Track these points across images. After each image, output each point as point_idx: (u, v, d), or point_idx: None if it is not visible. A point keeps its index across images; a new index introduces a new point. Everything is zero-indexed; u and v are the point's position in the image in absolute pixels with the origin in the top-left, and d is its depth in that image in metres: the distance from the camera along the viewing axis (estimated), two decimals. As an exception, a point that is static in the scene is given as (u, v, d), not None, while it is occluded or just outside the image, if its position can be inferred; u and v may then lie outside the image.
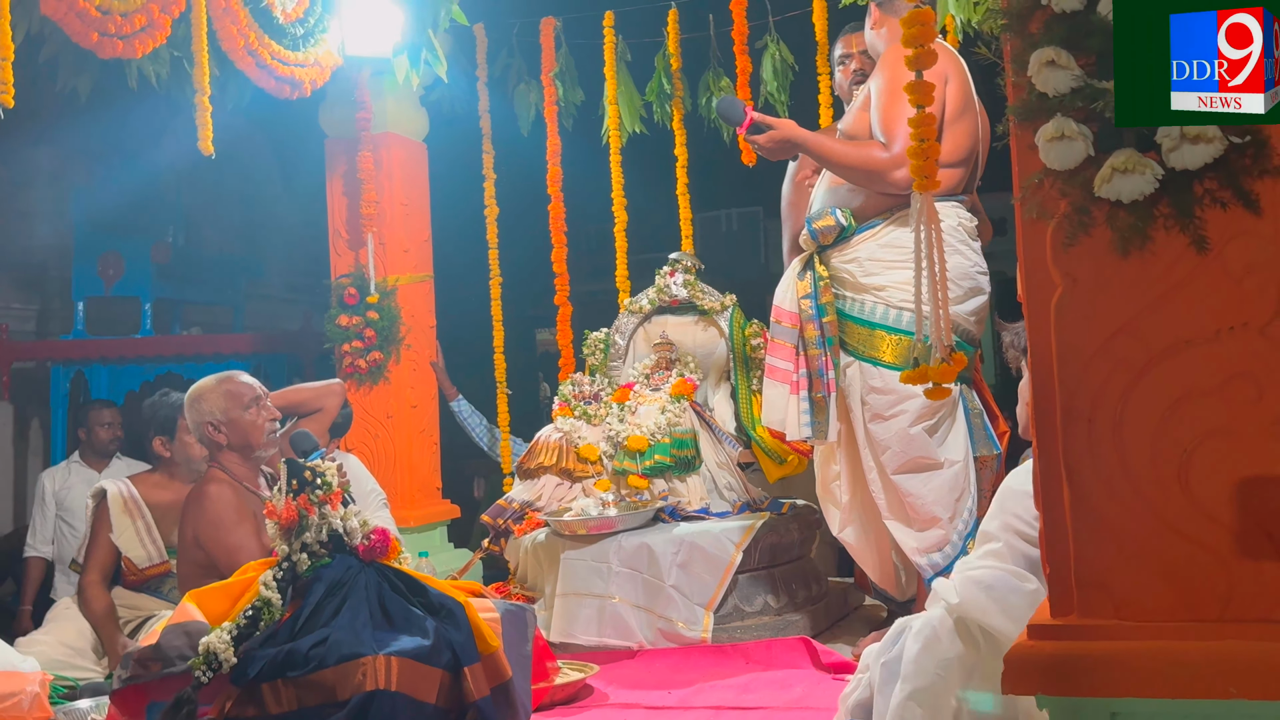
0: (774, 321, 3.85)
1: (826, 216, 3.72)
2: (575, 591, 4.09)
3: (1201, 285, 1.74)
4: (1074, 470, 1.80)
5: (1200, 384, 1.74)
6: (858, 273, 3.72)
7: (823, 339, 3.70)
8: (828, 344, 3.71)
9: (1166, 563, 1.75)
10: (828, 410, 3.70)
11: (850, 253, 3.74)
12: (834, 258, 3.77)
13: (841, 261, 3.75)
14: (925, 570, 3.65)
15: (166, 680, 2.64)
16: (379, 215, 5.62)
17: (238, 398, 3.56)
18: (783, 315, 3.80)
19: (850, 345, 3.73)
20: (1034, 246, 1.83)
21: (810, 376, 3.73)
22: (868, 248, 3.71)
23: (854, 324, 3.72)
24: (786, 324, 3.79)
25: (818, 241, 3.75)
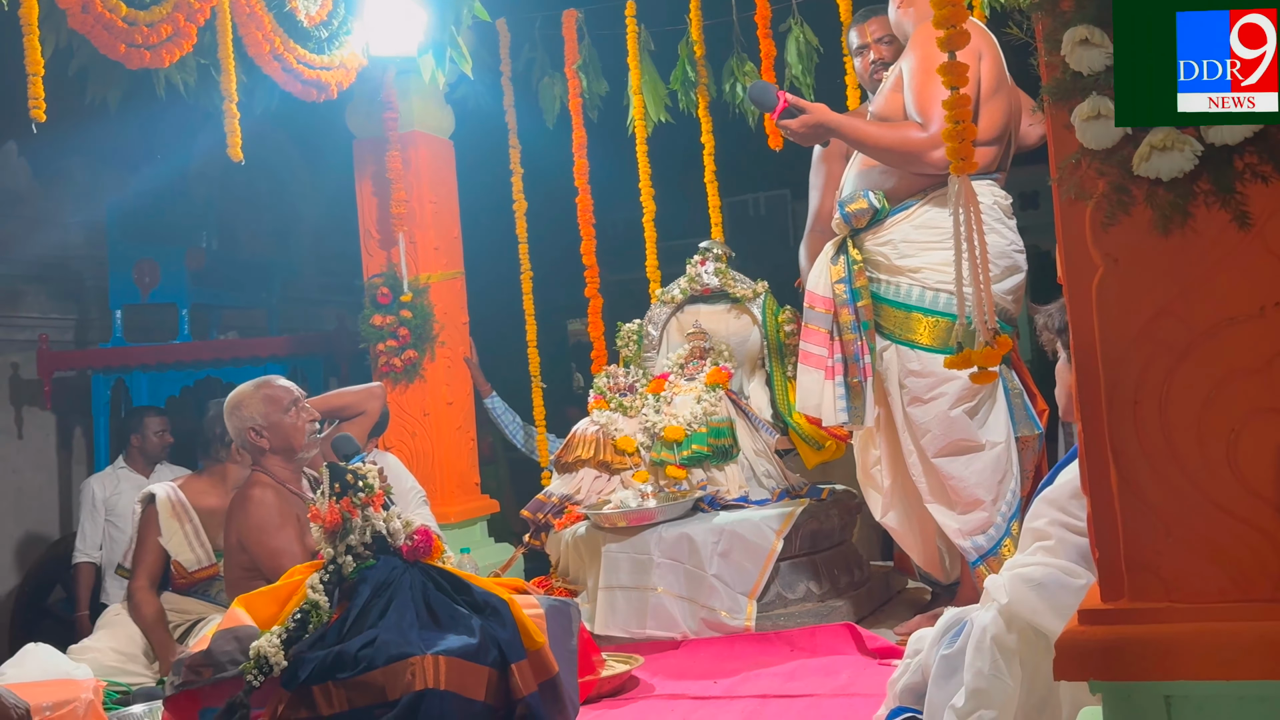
0: (807, 307, 3.83)
1: (858, 199, 3.69)
2: (618, 584, 4.10)
3: (1244, 262, 1.71)
4: (1120, 453, 1.78)
5: (1245, 362, 1.72)
6: (892, 255, 3.69)
7: (858, 323, 3.68)
8: (863, 328, 3.68)
9: (1216, 544, 1.73)
10: (864, 395, 3.68)
11: (884, 235, 3.71)
12: (867, 240, 3.74)
13: (875, 244, 3.72)
14: (970, 553, 3.63)
15: (219, 685, 2.67)
16: (409, 214, 5.64)
17: (277, 401, 3.60)
18: (816, 300, 3.78)
19: (886, 328, 3.70)
20: (1073, 227, 1.81)
21: (845, 361, 3.70)
22: (902, 229, 3.68)
23: (889, 307, 3.70)
24: (820, 309, 3.77)
25: (850, 225, 3.71)
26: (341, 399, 4.08)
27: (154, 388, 6.95)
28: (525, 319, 5.89)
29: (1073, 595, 2.28)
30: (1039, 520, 2.45)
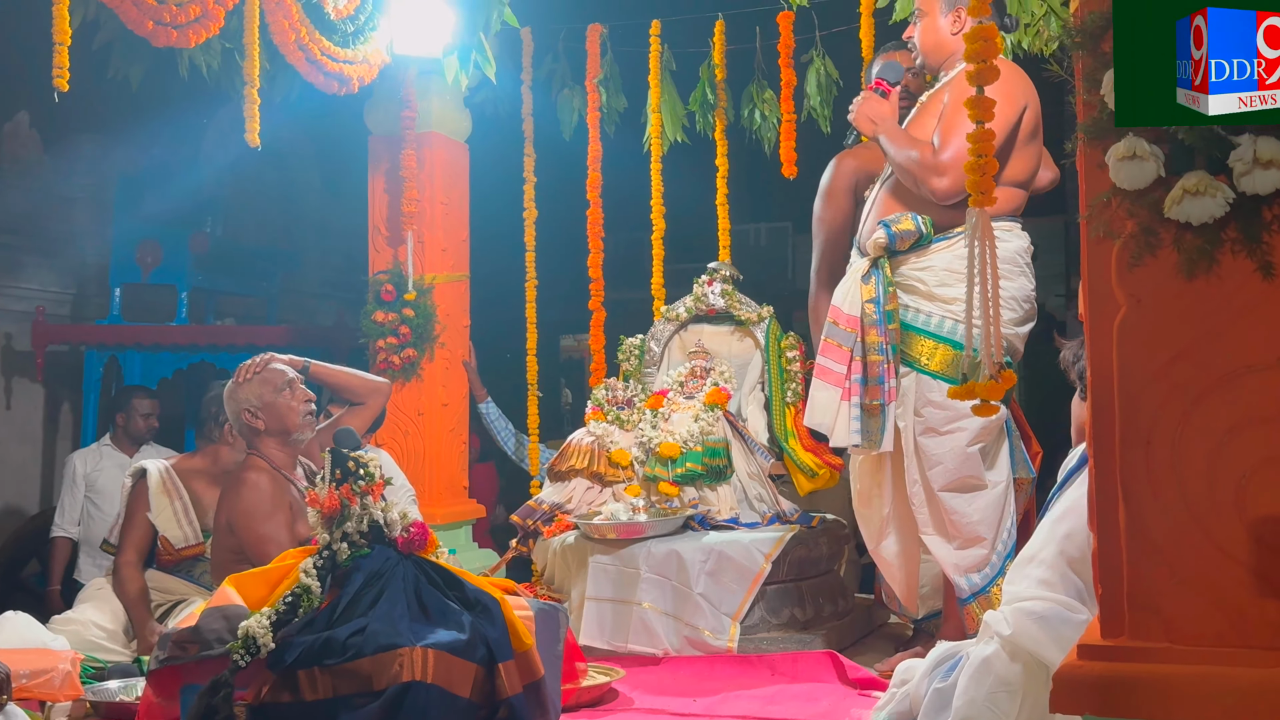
0: (830, 322, 3.76)
1: (906, 220, 3.66)
2: (603, 596, 4.10)
3: (1266, 311, 1.73)
4: (1130, 492, 1.79)
5: (1260, 411, 1.74)
6: (931, 281, 3.65)
7: (886, 345, 3.63)
8: (892, 351, 3.64)
9: (1220, 588, 1.74)
10: (883, 419, 3.64)
11: (926, 260, 3.67)
12: (906, 264, 3.69)
13: (914, 269, 3.68)
14: (963, 590, 3.63)
15: (203, 663, 2.65)
16: (419, 214, 5.65)
17: (272, 382, 3.62)
18: (840, 318, 3.71)
19: (910, 356, 3.67)
20: (1098, 265, 1.83)
21: (865, 383, 3.66)
22: (944, 257, 3.64)
23: (917, 335, 3.66)
24: (844, 326, 3.70)
25: (893, 245, 3.66)
26: (349, 378, 4.05)
27: (147, 368, 6.93)
28: (526, 327, 5.89)
29: (1074, 629, 2.29)
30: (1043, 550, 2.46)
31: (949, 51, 3.81)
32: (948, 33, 3.80)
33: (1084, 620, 2.29)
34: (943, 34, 3.82)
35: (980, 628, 2.53)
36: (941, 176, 3.59)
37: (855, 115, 3.81)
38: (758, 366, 4.68)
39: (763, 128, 5.60)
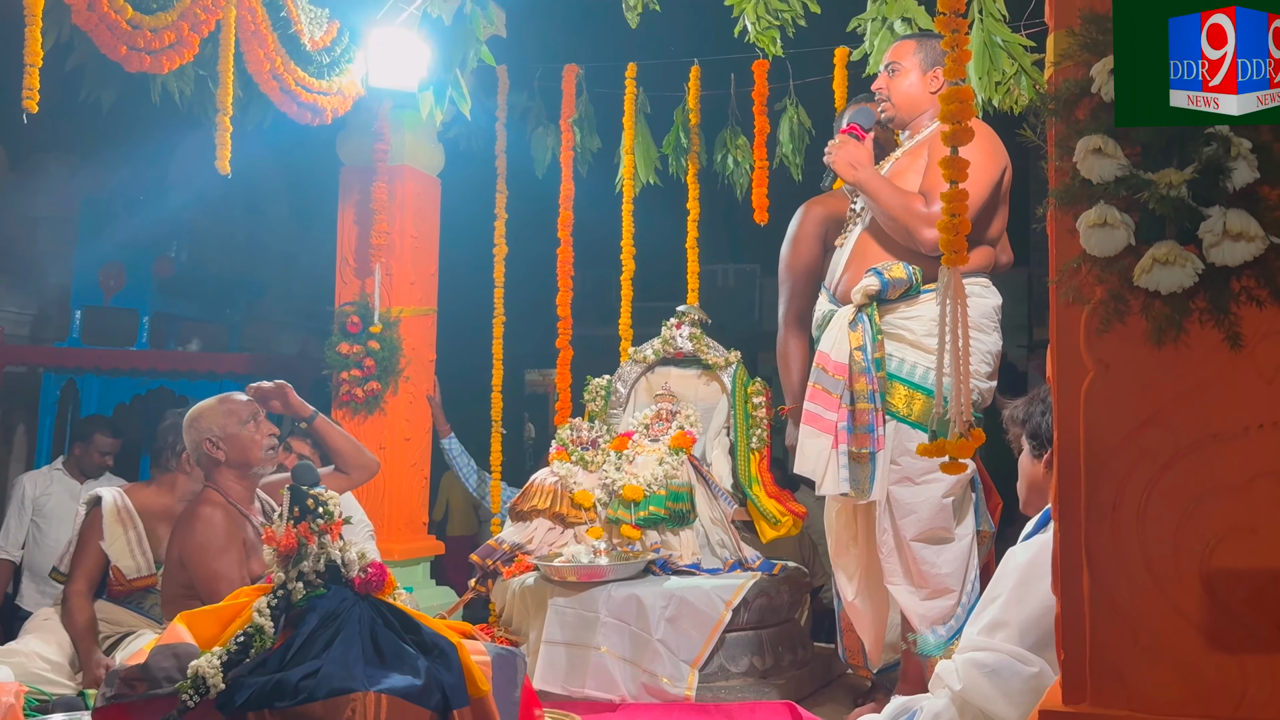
0: (817, 367, 3.73)
1: (898, 268, 3.65)
2: (561, 639, 4.05)
3: (1233, 381, 1.75)
4: (1095, 558, 1.79)
5: (1226, 480, 1.74)
6: (919, 330, 3.63)
7: (875, 393, 3.61)
8: (880, 399, 3.62)
9: (1182, 657, 1.74)
10: (872, 467, 3.61)
11: (914, 310, 3.66)
12: (894, 313, 3.67)
13: (902, 318, 3.66)
14: (927, 642, 3.61)
15: (151, 702, 2.58)
16: (389, 246, 5.64)
17: (236, 414, 3.57)
18: (828, 364, 3.69)
19: (891, 405, 3.65)
20: (1067, 330, 1.84)
21: (853, 430, 3.63)
22: (932, 308, 3.62)
23: (899, 384, 3.64)
24: (832, 373, 3.66)
25: (884, 293, 3.66)
26: (345, 445, 3.91)
27: (105, 392, 6.85)
28: (493, 363, 5.86)
29: (1025, 682, 2.28)
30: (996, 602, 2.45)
31: (922, 109, 3.84)
32: (924, 91, 3.83)
33: (1035, 673, 2.29)
34: (919, 91, 3.84)
35: (933, 679, 2.52)
36: (933, 228, 3.59)
37: (834, 159, 3.80)
38: (724, 411, 4.67)
39: (735, 173, 5.65)
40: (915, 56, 3.85)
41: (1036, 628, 2.38)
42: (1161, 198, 1.70)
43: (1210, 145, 1.68)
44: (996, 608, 2.46)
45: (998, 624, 2.45)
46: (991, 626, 2.47)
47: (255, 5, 4.64)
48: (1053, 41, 1.86)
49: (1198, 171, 1.69)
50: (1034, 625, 2.39)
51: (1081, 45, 1.79)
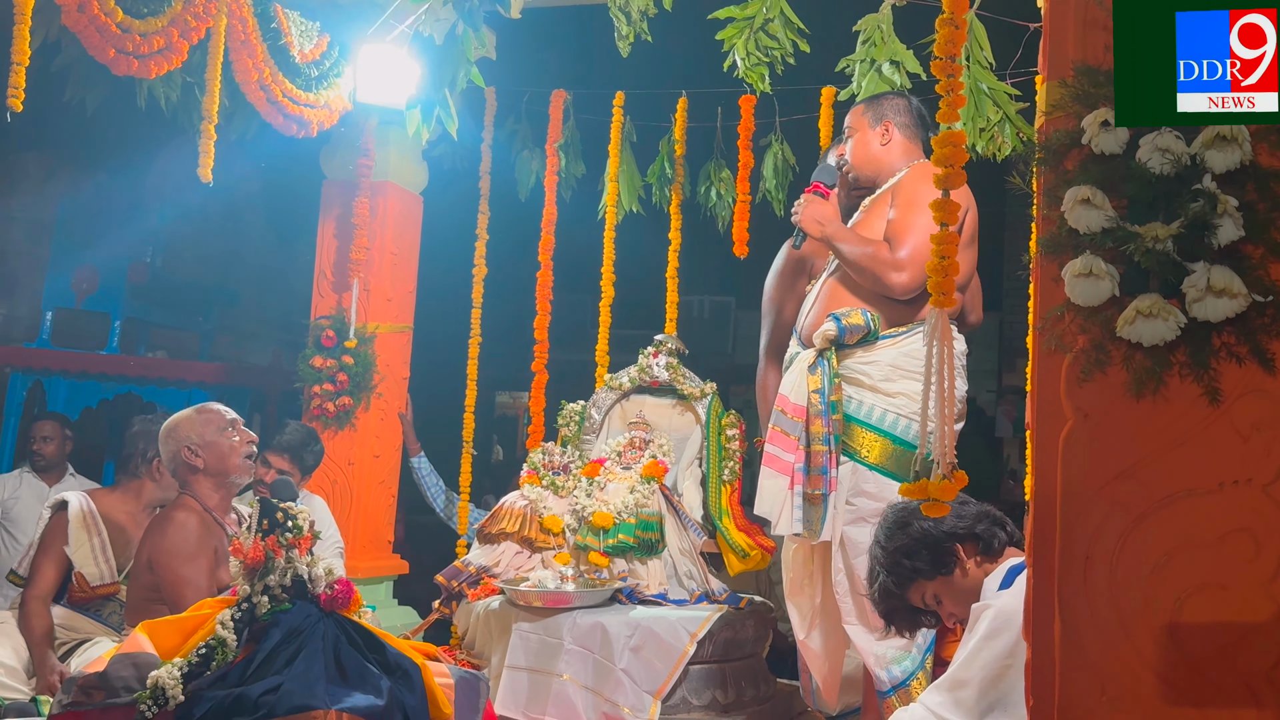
0: (778, 410, 3.78)
1: (856, 314, 3.71)
2: (524, 665, 4.02)
3: (1209, 437, 1.76)
4: (1067, 607, 1.80)
5: (1198, 535, 1.76)
6: (876, 375, 3.69)
7: (829, 436, 3.66)
8: (834, 441, 3.67)
9: (1148, 709, 1.75)
10: (824, 508, 3.65)
11: (872, 355, 3.72)
12: (852, 358, 3.73)
13: (860, 363, 3.72)
14: (883, 683, 3.61)
15: (108, 711, 2.55)
16: (368, 261, 5.61)
17: (214, 422, 3.54)
18: (788, 406, 3.74)
19: (850, 447, 3.69)
20: (1048, 378, 1.85)
21: (808, 472, 3.67)
22: (889, 354, 3.69)
23: (859, 427, 3.69)
24: (791, 415, 3.73)
25: (842, 339, 3.71)
26: None
27: (72, 396, 6.78)
28: (467, 384, 5.83)
29: None
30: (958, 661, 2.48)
31: (880, 164, 3.96)
32: (877, 145, 3.95)
33: None
34: (873, 148, 3.97)
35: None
36: (900, 272, 3.65)
37: (800, 218, 3.89)
38: (697, 442, 4.67)
39: (718, 205, 5.67)
40: (864, 118, 4.00)
41: (994, 687, 2.41)
42: (1147, 250, 1.72)
43: (1197, 201, 1.70)
44: (960, 665, 2.49)
45: (958, 681, 2.48)
46: (953, 684, 2.50)
47: (246, 15, 4.63)
48: (1045, 92, 1.88)
49: (1184, 226, 1.71)
50: (992, 684, 2.42)
51: (1073, 96, 1.81)
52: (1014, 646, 2.39)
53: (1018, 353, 11.88)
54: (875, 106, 3.99)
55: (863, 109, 4.02)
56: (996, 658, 2.42)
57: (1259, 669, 1.71)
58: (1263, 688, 1.71)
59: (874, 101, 4.03)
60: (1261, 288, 1.71)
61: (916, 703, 2.60)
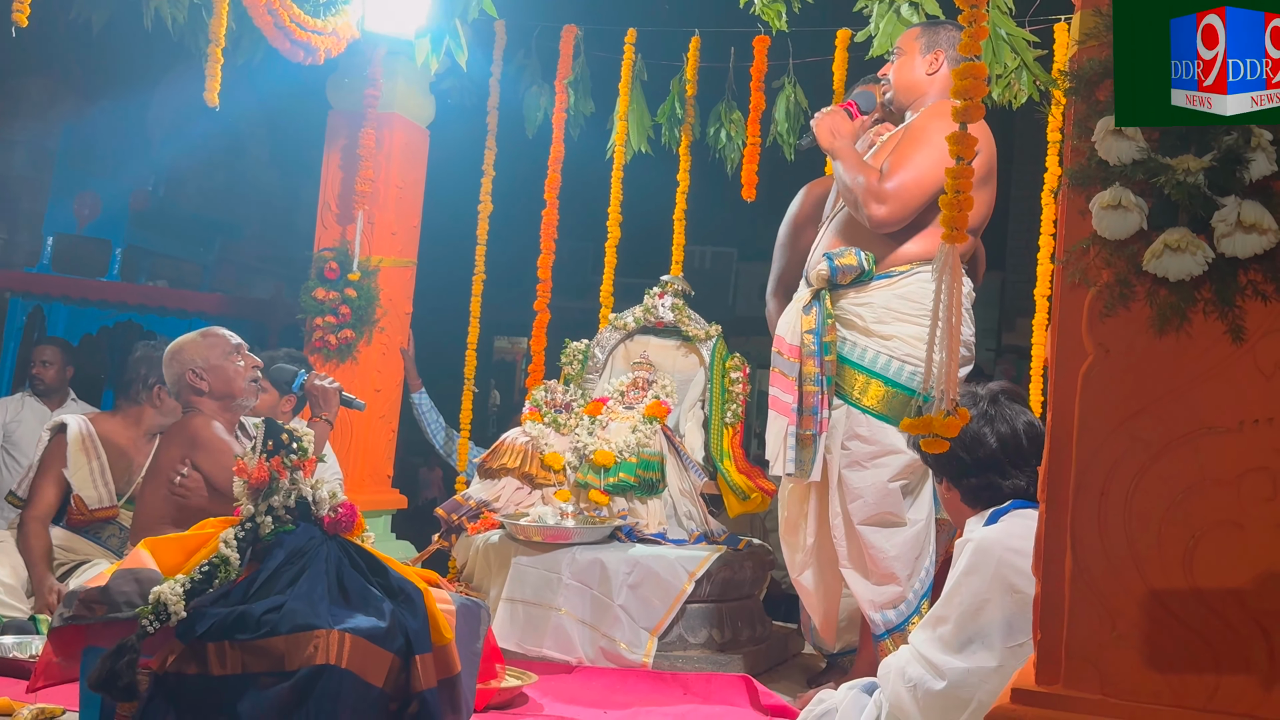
0: (775, 352, 3.78)
1: (849, 255, 3.69)
2: (522, 598, 4.04)
3: (1232, 375, 1.74)
4: (1079, 542, 1.79)
5: (1216, 473, 1.74)
6: (869, 318, 3.68)
7: (821, 376, 3.66)
8: (826, 383, 3.67)
9: (1159, 646, 1.74)
10: (815, 448, 3.66)
11: (865, 297, 3.71)
12: (845, 298, 3.73)
13: (854, 304, 3.72)
14: (877, 626, 3.63)
15: (109, 625, 2.55)
16: (372, 194, 5.56)
17: (219, 346, 3.53)
18: (784, 347, 3.74)
19: (843, 389, 3.69)
20: (1070, 312, 1.82)
21: (801, 412, 3.68)
22: (883, 295, 3.68)
23: (851, 368, 3.69)
24: (787, 355, 3.73)
25: (834, 279, 3.70)
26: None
27: (72, 321, 6.76)
28: (469, 320, 5.80)
29: (934, 698, 2.37)
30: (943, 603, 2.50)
31: (920, 92, 3.86)
32: (922, 73, 3.85)
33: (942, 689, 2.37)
34: (917, 74, 3.86)
35: (880, 671, 2.57)
36: (881, 204, 3.62)
37: (817, 124, 3.86)
38: (700, 384, 4.66)
39: (727, 148, 5.61)
40: (918, 41, 3.89)
41: (973, 620, 2.42)
42: (1178, 183, 1.68)
43: (1231, 134, 1.66)
44: (940, 601, 2.50)
45: (938, 618, 2.50)
46: (933, 620, 2.52)
47: (256, -65, 4.55)
48: (1078, 20, 1.84)
49: (1216, 160, 1.68)
50: (970, 617, 2.43)
51: (1107, 25, 1.77)
52: (991, 581, 2.41)
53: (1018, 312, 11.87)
54: (931, 33, 3.87)
55: (918, 32, 3.90)
56: (974, 592, 2.43)
57: (1272, 608, 1.70)
58: (1275, 627, 1.70)
59: (931, 27, 3.91)
60: (1293, 226, 1.68)
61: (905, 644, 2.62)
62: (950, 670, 2.40)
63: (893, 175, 3.60)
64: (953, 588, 2.52)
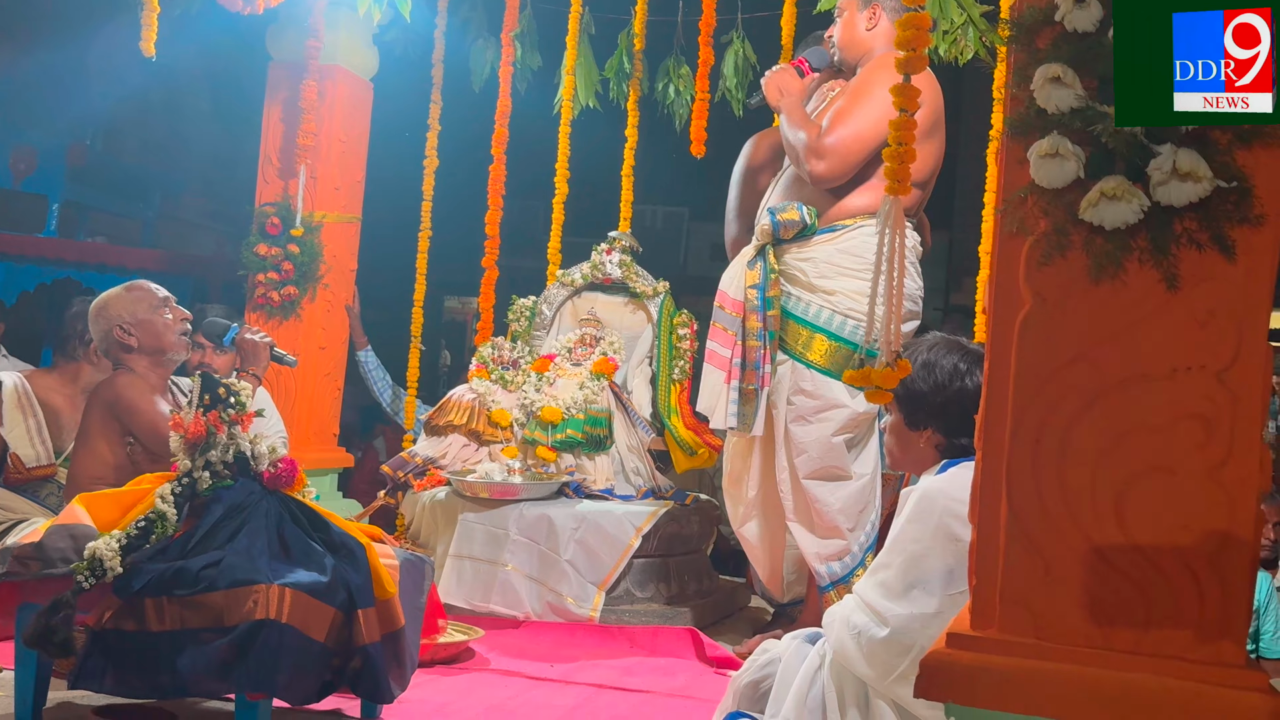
0: (717, 306, 3.80)
1: (791, 210, 3.70)
2: (469, 554, 4.03)
3: (1166, 323, 1.75)
4: (1014, 489, 1.80)
5: (1149, 420, 1.76)
6: (811, 272, 3.70)
7: (764, 331, 3.68)
8: (769, 338, 3.68)
9: (1091, 590, 1.76)
10: (757, 403, 3.68)
11: (808, 251, 3.72)
12: (789, 253, 3.75)
13: (796, 259, 3.73)
14: (822, 578, 3.67)
15: (45, 582, 2.51)
16: (315, 148, 5.47)
17: (147, 300, 3.42)
18: (726, 301, 3.76)
19: (787, 343, 3.71)
20: (1008, 261, 1.83)
21: (744, 367, 3.69)
22: (826, 250, 3.70)
23: (795, 323, 3.71)
24: (729, 310, 3.75)
25: (777, 234, 3.71)
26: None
27: (9, 279, 6.61)
28: (415, 278, 5.74)
29: (877, 645, 2.39)
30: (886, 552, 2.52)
31: (864, 48, 3.88)
32: (862, 29, 3.88)
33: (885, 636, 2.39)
34: (858, 31, 3.89)
35: (824, 620, 2.59)
36: (820, 159, 3.64)
37: (766, 81, 3.89)
38: (648, 340, 4.65)
39: (675, 103, 5.58)
40: None
41: (915, 567, 2.45)
42: (1114, 131, 1.69)
43: (1167, 83, 1.67)
44: (885, 548, 2.53)
45: (882, 565, 2.52)
46: (876, 567, 2.54)
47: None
48: (1020, -33, 1.83)
49: (1152, 108, 1.68)
50: (912, 564, 2.45)
51: (1047, -27, 1.77)
52: (934, 530, 2.43)
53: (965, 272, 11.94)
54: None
55: None
56: (917, 539, 2.45)
57: (1202, 554, 1.73)
58: (1205, 572, 1.72)
59: None
60: (1227, 174, 1.69)
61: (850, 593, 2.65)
62: (893, 617, 2.43)
63: (832, 131, 3.62)
64: (897, 535, 2.55)
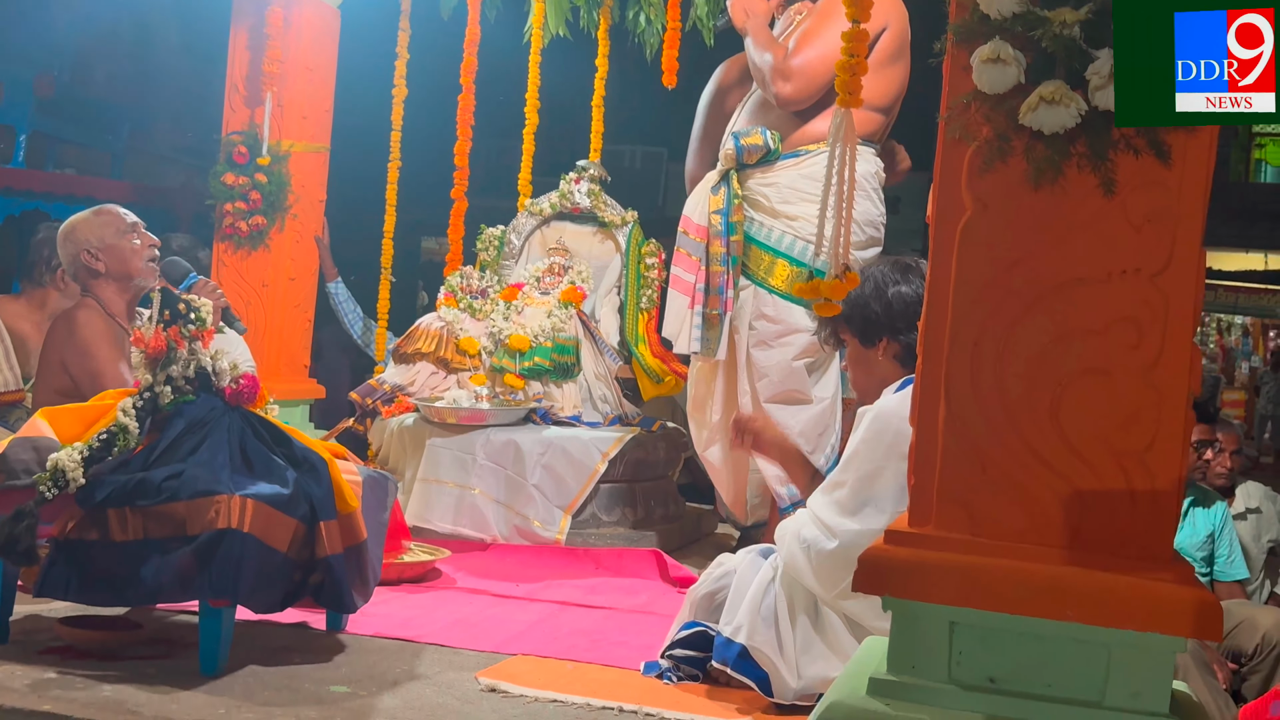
0: (680, 232, 3.82)
1: (755, 134, 3.70)
2: (436, 478, 4.07)
3: (1102, 227, 1.79)
4: (952, 390, 1.85)
5: (1085, 323, 1.80)
6: (774, 197, 3.72)
7: (727, 256, 3.70)
8: (732, 262, 3.70)
9: (1026, 488, 1.82)
10: (720, 328, 3.71)
11: (771, 177, 3.73)
12: (752, 179, 3.75)
13: (760, 184, 3.74)
14: (783, 499, 3.73)
15: (7, 493, 2.53)
16: (281, 75, 5.40)
17: (115, 224, 3.41)
18: (690, 227, 3.78)
19: (749, 269, 3.74)
20: (951, 168, 1.86)
21: (708, 292, 3.72)
22: (789, 175, 3.72)
23: (758, 248, 3.73)
24: (693, 235, 3.77)
25: (740, 159, 3.71)
26: None
27: (-24, 209, 6.56)
28: (385, 209, 5.73)
29: (825, 558, 2.47)
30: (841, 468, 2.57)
31: None
32: None
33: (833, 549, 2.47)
34: None
35: (776, 536, 2.65)
36: (786, 81, 3.65)
37: (732, 3, 3.88)
38: (616, 269, 4.67)
39: (646, 32, 5.53)
40: None
41: (869, 485, 2.50)
42: (1055, 36, 1.71)
43: (1106, -12, 1.69)
44: (839, 466, 2.58)
45: (835, 483, 2.58)
46: (831, 485, 2.59)
47: None
48: (966, -125, 1.84)
49: (1092, 13, 1.71)
50: (866, 482, 2.51)
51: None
52: (887, 449, 2.48)
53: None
54: None
55: None
56: (870, 458, 2.51)
57: (1133, 452, 1.78)
58: (1135, 469, 1.78)
59: None
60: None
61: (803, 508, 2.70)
62: (843, 532, 2.48)
63: (798, 52, 3.62)
64: (850, 454, 2.59)
